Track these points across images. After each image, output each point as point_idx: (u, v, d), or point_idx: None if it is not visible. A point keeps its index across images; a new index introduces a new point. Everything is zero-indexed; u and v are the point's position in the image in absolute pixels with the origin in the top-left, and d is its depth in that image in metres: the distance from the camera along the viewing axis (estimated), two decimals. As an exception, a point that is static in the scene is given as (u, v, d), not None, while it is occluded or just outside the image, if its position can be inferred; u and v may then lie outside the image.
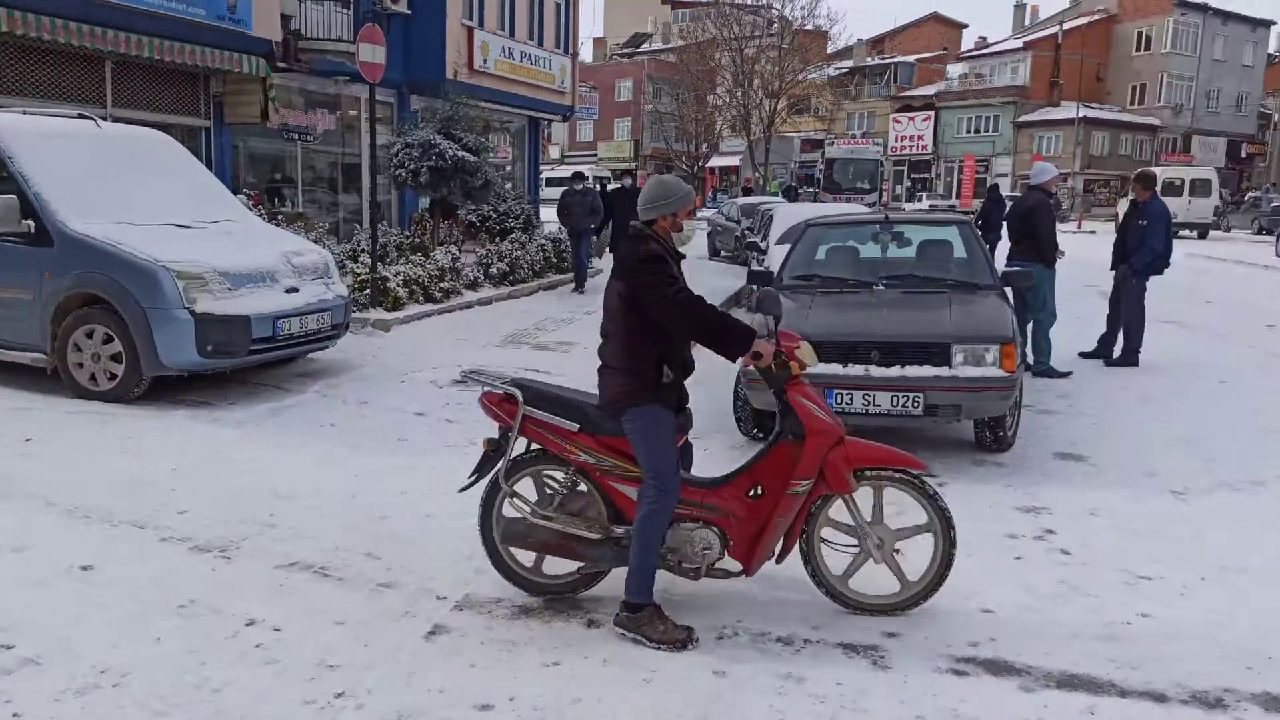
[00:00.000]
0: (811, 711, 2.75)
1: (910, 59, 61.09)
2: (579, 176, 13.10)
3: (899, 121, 56.74)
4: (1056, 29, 54.85)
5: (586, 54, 69.44)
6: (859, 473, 3.31)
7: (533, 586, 3.54)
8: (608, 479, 3.39)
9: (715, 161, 54.73)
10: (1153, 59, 55.08)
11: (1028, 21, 63.02)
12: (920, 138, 56.73)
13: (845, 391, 5.17)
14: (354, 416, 6.20)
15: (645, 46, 66.88)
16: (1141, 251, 7.95)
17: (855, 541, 3.43)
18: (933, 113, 56.54)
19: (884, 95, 59.67)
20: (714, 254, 20.11)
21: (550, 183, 29.99)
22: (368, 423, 6.06)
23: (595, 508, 3.45)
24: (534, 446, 3.46)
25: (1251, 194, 40.68)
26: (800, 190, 35.50)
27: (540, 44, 18.86)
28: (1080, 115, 49.87)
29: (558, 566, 3.51)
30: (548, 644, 3.16)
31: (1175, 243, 8.45)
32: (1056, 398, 7.04)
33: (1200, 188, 29.27)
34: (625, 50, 68.05)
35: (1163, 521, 4.36)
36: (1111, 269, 8.38)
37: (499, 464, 3.43)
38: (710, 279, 14.61)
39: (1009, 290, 6.30)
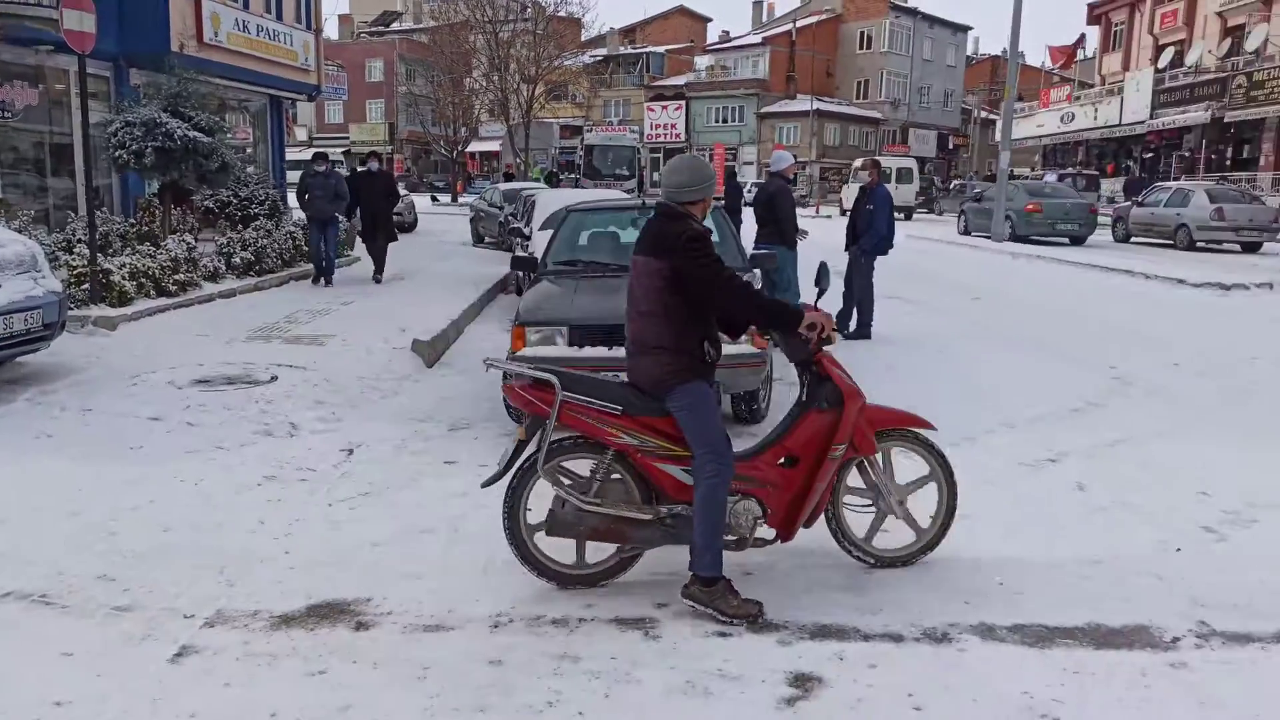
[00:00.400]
0: (587, 688, 2.79)
1: (661, 49, 63.06)
2: (320, 158, 12.02)
3: (653, 110, 58.48)
4: (790, 26, 58.65)
5: (332, 31, 65.90)
6: (878, 435, 3.55)
7: (568, 578, 3.47)
8: (650, 460, 3.37)
9: (475, 146, 53.82)
10: (874, 57, 60.27)
11: (765, 18, 66.92)
12: (673, 126, 58.75)
13: (612, 374, 5.25)
14: (75, 425, 5.55)
15: (395, 25, 64.51)
16: (869, 234, 8.71)
17: (868, 501, 3.67)
18: (684, 102, 58.70)
19: (638, 84, 61.22)
20: (478, 240, 19.84)
21: (298, 166, 28.28)
22: (92, 431, 5.45)
23: (629, 491, 3.42)
24: (553, 438, 3.33)
25: (956, 181, 45.75)
26: (562, 176, 35.74)
27: (279, 18, 17.66)
28: (814, 108, 53.70)
29: (592, 555, 3.49)
30: (312, 653, 3.00)
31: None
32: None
33: (905, 175, 34.54)
34: (374, 29, 65.30)
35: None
36: (845, 250, 9.12)
37: (531, 454, 3.35)
38: (474, 266, 14.42)
39: (757, 272, 6.68)
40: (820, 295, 3.79)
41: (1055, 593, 3.42)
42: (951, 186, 42.80)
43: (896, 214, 9.49)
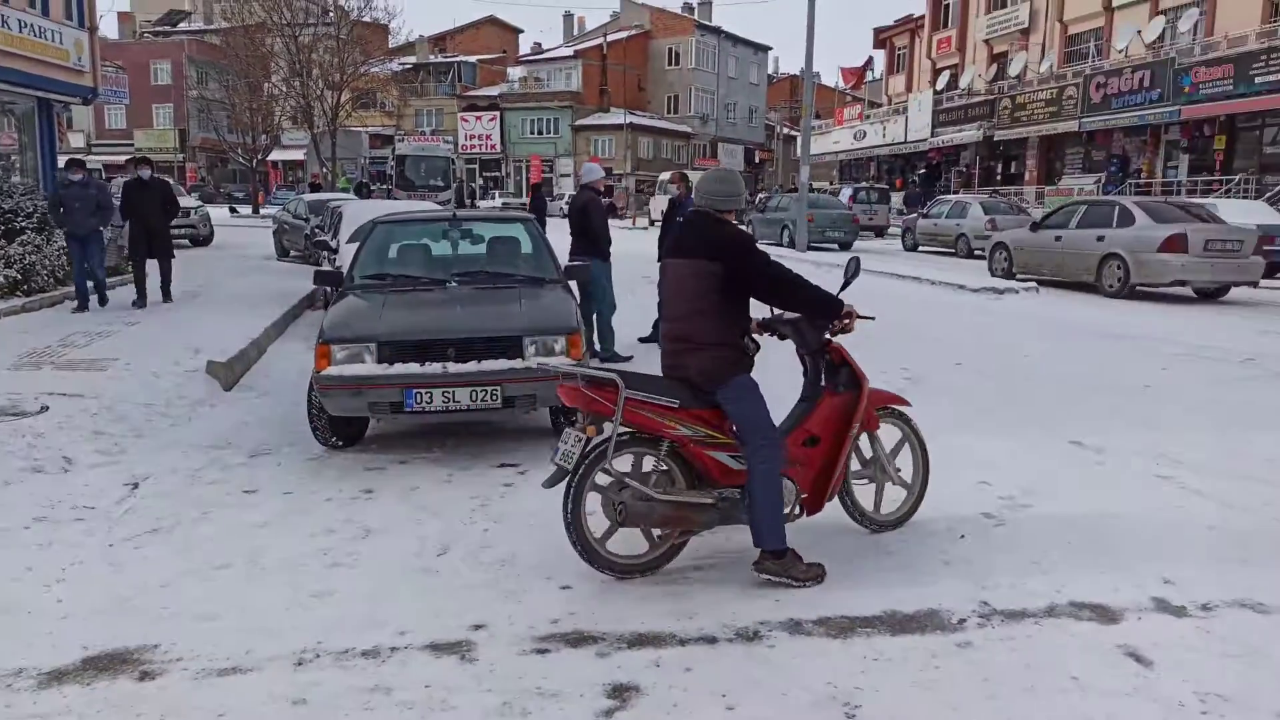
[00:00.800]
0: (401, 720, 2.69)
1: (472, 59, 62.39)
2: (75, 165, 10.61)
3: (466, 120, 57.74)
4: (601, 41, 59.51)
5: (110, 29, 60.94)
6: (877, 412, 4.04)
7: (630, 569, 3.66)
8: (702, 449, 3.61)
9: (277, 155, 51.24)
10: (682, 73, 62.11)
11: (577, 32, 67.57)
12: (488, 137, 58.23)
13: (424, 390, 5.13)
14: None
15: (183, 25, 60.42)
16: (681, 245, 8.92)
17: (867, 475, 4.14)
18: (498, 113, 58.29)
19: (450, 94, 60.28)
20: (282, 254, 18.83)
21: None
22: None
23: (675, 480, 3.66)
24: (595, 439, 3.52)
25: (761, 195, 47.86)
26: (373, 187, 34.61)
27: (45, 13, 16.15)
28: (628, 121, 54.65)
29: (635, 546, 3.69)
30: (88, 710, 2.72)
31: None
32: (620, 380, 7.64)
33: None
34: (159, 29, 60.90)
35: (709, 482, 4.93)
36: (659, 260, 9.30)
37: (595, 452, 3.52)
38: (278, 281, 13.68)
39: (572, 283, 6.70)
40: (845, 286, 4.15)
41: (856, 584, 3.60)
42: (757, 200, 44.76)
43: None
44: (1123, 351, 8.99)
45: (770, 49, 69.65)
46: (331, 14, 34.99)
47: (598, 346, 8.46)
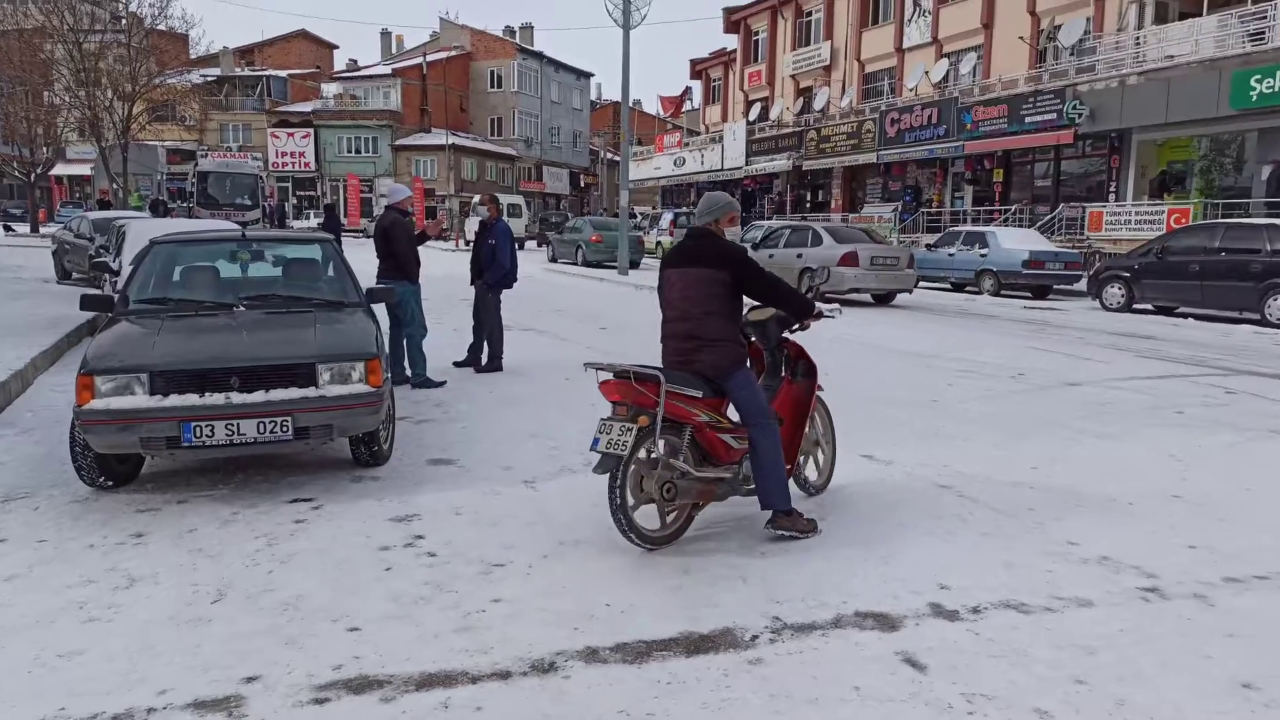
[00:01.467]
0: (152, 793, 2.43)
1: (283, 74, 59.81)
2: None
3: (278, 137, 55.23)
4: (421, 60, 58.51)
5: None
6: None
7: (658, 541, 4.17)
8: (713, 431, 4.22)
9: (61, 169, 47.19)
10: (505, 96, 62.01)
11: (395, 50, 66.13)
12: (302, 154, 55.93)
13: (205, 423, 4.76)
14: None
15: (-52, 25, 54.67)
16: (493, 268, 8.81)
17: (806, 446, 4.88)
18: (312, 130, 56.11)
19: (259, 109, 57.49)
20: (64, 276, 17.24)
21: None
22: None
23: (688, 459, 4.16)
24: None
25: (557, 218, 48.59)
26: (172, 205, 32.38)
27: None
28: (450, 142, 53.90)
29: (650, 522, 4.20)
30: None
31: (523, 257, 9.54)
32: (433, 406, 7.43)
33: (514, 210, 38.61)
34: (-82, 26, 54.84)
35: (516, 509, 4.83)
36: (471, 284, 9.15)
37: (646, 438, 4.03)
38: (54, 306, 12.46)
39: (377, 307, 6.44)
40: (809, 290, 4.95)
41: (655, 606, 3.60)
42: (556, 221, 45.61)
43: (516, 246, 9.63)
44: (908, 367, 9.60)
45: (592, 75, 70.78)
46: (124, 19, 32.56)
47: (408, 372, 8.19)
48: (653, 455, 4.18)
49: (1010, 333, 13.08)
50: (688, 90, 50.61)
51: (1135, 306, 16.61)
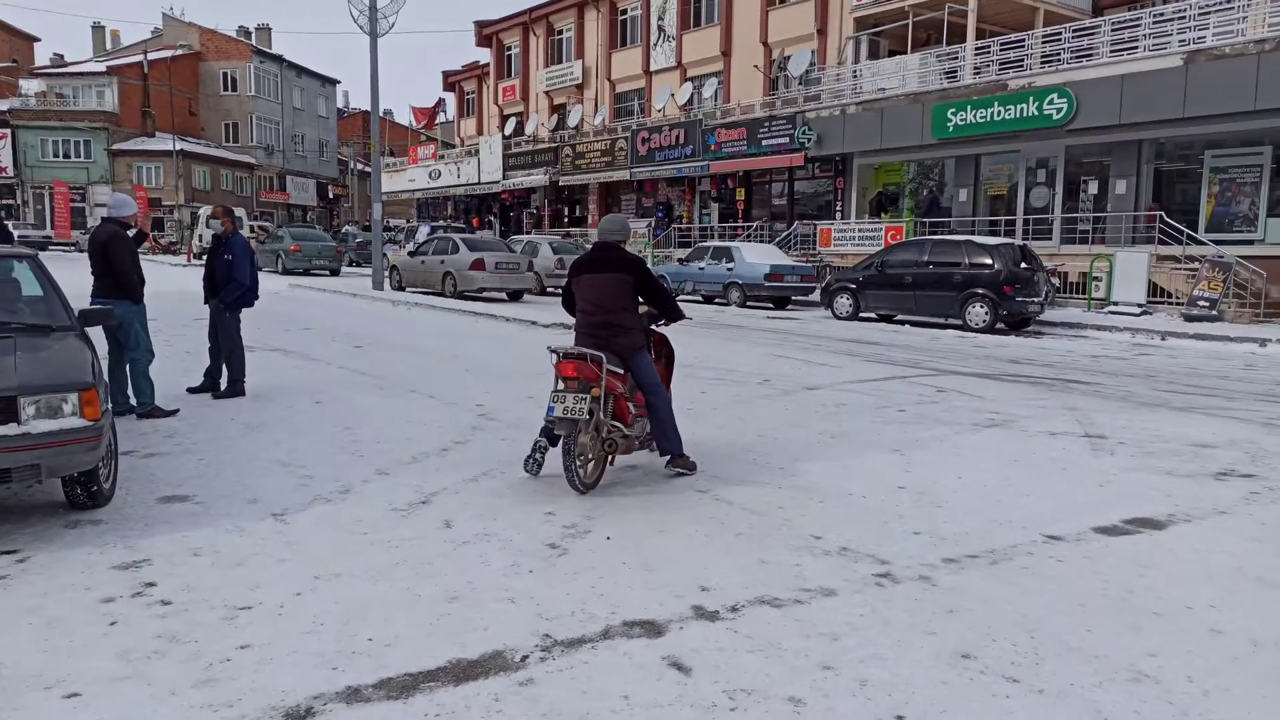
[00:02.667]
0: None
1: (-30, 66, 52.62)
2: None
3: (-37, 137, 48.51)
4: (142, 58, 53.60)
5: None
6: None
7: (589, 487, 5.39)
8: (623, 400, 5.48)
9: None
10: (241, 100, 58.12)
11: (110, 46, 60.18)
12: (-5, 158, 49.48)
13: None
14: None
15: None
16: (230, 285, 8.19)
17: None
18: (9, 131, 49.85)
19: (-61, 104, 50.29)
20: None
21: None
22: None
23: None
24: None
25: (338, 232, 46.44)
26: None
27: None
28: (178, 148, 49.72)
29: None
30: None
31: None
32: (164, 438, 6.78)
33: (238, 223, 38.01)
34: None
35: (263, 546, 4.49)
36: (205, 302, 8.45)
37: (597, 405, 5.26)
38: None
39: (93, 331, 5.78)
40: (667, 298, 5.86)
41: (420, 637, 3.47)
42: (334, 236, 43.43)
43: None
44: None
45: (339, 82, 67.83)
46: None
47: (132, 400, 7.42)
48: (596, 418, 5.28)
49: (757, 342, 13.94)
50: (441, 102, 49.76)
51: (861, 315, 18.25)
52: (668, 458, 5.76)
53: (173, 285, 20.56)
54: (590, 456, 5.38)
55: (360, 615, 3.67)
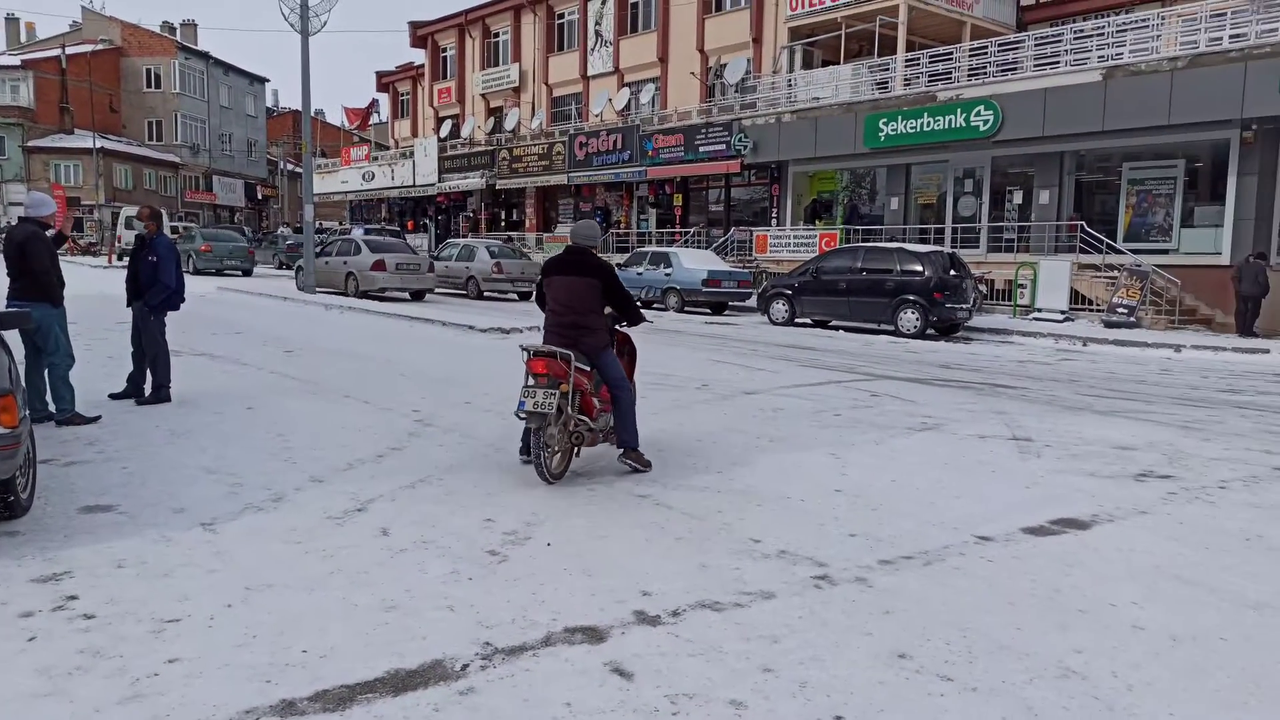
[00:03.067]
0: None
1: (-128, 55, 50.19)
2: None
3: None
4: (60, 53, 51.73)
5: None
6: None
7: (557, 477, 5.71)
8: (589, 396, 5.79)
9: None
10: (165, 98, 56.45)
11: (25, 39, 57.96)
12: (-101, 153, 47.23)
13: None
14: None
15: None
16: (156, 288, 7.95)
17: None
18: (-87, 125, 47.65)
19: None
20: None
21: None
22: None
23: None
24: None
25: (280, 230, 45.43)
26: None
27: None
28: (98, 146, 48.11)
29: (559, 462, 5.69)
30: None
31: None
32: (85, 446, 6.53)
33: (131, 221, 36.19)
34: None
35: (191, 556, 4.36)
36: (128, 305, 8.18)
37: (565, 401, 5.54)
38: None
39: (10, 334, 5.54)
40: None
41: (358, 647, 3.41)
42: (264, 237, 42.53)
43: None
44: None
45: (268, 81, 66.33)
46: None
47: (51, 407, 7.14)
48: (565, 412, 5.54)
49: (695, 347, 14.03)
50: (374, 103, 49.00)
51: (797, 321, 18.51)
52: (622, 450, 6.02)
53: (93, 288, 19.84)
54: (557, 449, 5.64)
55: (294, 626, 3.59)
